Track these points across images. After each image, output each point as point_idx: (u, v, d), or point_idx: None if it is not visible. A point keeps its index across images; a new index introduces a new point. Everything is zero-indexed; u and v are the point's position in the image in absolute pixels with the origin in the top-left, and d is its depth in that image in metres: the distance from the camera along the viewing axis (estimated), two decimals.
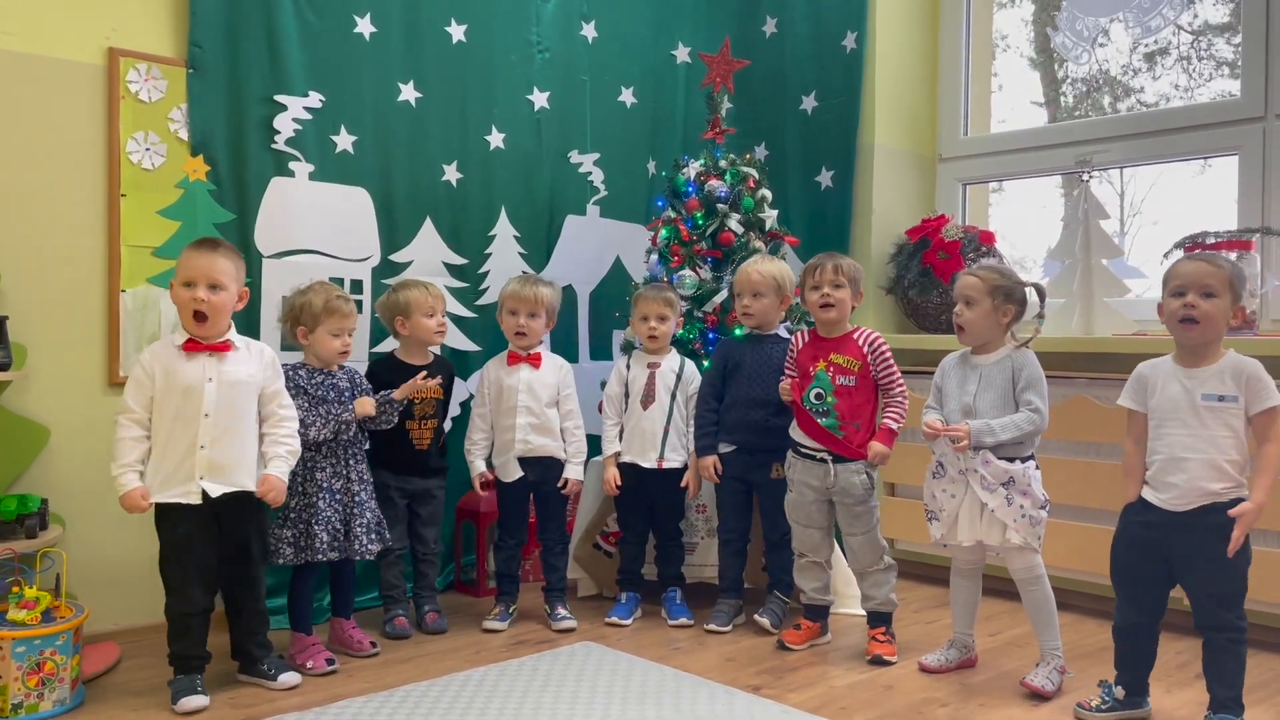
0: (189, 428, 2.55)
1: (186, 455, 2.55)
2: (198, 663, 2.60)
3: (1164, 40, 5.15)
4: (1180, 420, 2.37)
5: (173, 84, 3.15)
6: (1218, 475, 2.32)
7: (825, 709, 2.57)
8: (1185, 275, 2.37)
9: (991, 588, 3.15)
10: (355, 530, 2.91)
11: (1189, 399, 2.36)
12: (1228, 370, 2.35)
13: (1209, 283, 2.33)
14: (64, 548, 2.79)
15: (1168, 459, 2.38)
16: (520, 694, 2.62)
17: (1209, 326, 2.34)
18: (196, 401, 2.56)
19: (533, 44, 3.96)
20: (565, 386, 3.35)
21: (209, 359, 2.59)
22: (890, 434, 2.98)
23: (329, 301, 2.94)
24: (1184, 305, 2.34)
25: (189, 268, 2.57)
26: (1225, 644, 2.34)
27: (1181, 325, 2.36)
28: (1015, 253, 5.07)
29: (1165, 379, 2.42)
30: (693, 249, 3.65)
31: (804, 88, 4.50)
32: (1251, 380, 2.32)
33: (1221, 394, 2.33)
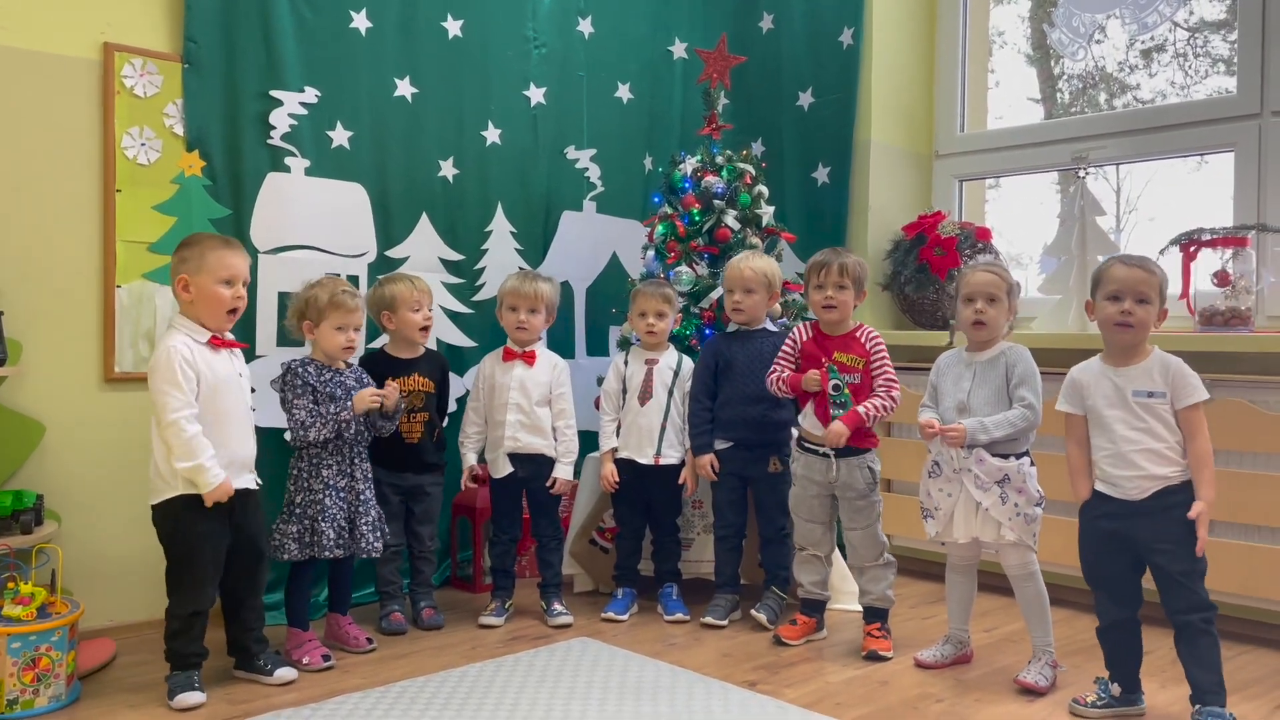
0: (244, 420, 2.64)
1: (245, 446, 2.64)
2: (195, 659, 2.60)
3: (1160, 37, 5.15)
4: (1118, 416, 2.46)
5: (168, 79, 3.14)
6: (1163, 461, 2.41)
7: (821, 704, 2.57)
8: (1121, 280, 2.46)
9: (987, 584, 3.15)
10: (361, 528, 2.91)
11: (1121, 396, 2.46)
12: (1155, 367, 2.45)
13: (1143, 290, 2.43)
14: (59, 543, 2.79)
15: (1115, 454, 2.46)
16: (516, 689, 2.62)
17: (1141, 331, 2.45)
18: (238, 395, 2.64)
19: (529, 39, 3.95)
20: (559, 385, 3.34)
21: (229, 355, 2.65)
22: (856, 417, 2.93)
23: (334, 295, 2.95)
24: (1121, 311, 2.44)
25: (230, 265, 2.61)
26: (1200, 625, 2.37)
27: (1116, 329, 2.46)
28: (1012, 249, 5.07)
29: (1097, 380, 2.52)
30: (689, 245, 3.65)
31: (801, 84, 4.50)
32: (1177, 376, 2.42)
33: (1150, 390, 2.43)
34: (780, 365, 3.11)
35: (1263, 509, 3.08)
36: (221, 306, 2.60)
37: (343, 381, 2.97)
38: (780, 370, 3.10)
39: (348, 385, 2.98)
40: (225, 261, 2.60)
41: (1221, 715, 2.34)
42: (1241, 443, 3.14)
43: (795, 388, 3.04)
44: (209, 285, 2.58)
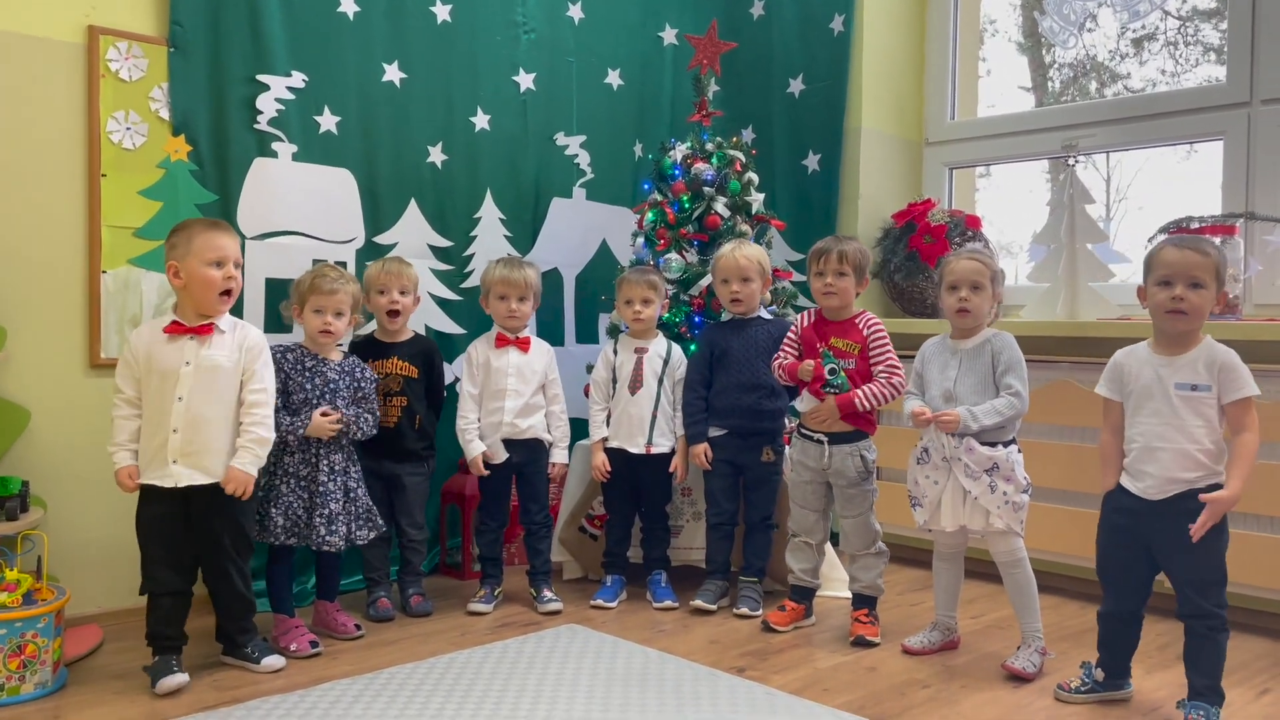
0: (164, 411, 2.56)
1: (163, 439, 2.55)
2: (171, 643, 2.59)
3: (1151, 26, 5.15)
4: (1154, 409, 2.36)
5: (153, 63, 3.11)
6: (1190, 464, 2.31)
7: (809, 690, 2.58)
8: (1172, 265, 2.32)
9: (974, 571, 3.16)
10: (314, 520, 2.86)
11: (1162, 387, 2.35)
12: (1202, 359, 2.32)
13: (1197, 274, 2.29)
14: (45, 530, 2.78)
15: (1143, 448, 2.38)
16: (505, 676, 2.62)
17: (1195, 318, 2.32)
18: (172, 385, 2.56)
19: (518, 24, 3.93)
20: (551, 370, 3.35)
21: (189, 342, 2.58)
22: (849, 401, 2.93)
23: (315, 278, 2.94)
24: (1172, 298, 2.30)
25: (218, 246, 2.58)
26: (1205, 632, 2.34)
27: (1168, 316, 2.33)
28: (1002, 237, 5.08)
29: (1140, 366, 2.41)
30: (679, 232, 3.64)
31: (791, 71, 4.49)
32: (1225, 369, 2.29)
33: (1195, 383, 2.31)
34: (784, 353, 3.12)
35: (1251, 497, 3.08)
36: (212, 288, 2.58)
37: (323, 373, 2.95)
38: (783, 357, 3.10)
39: (328, 377, 2.95)
40: (213, 243, 2.58)
41: (1205, 709, 2.32)
42: None
43: (793, 375, 3.04)
44: (198, 268, 2.56)
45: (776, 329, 3.26)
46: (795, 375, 3.02)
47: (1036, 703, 2.54)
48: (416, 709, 2.40)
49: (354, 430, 2.97)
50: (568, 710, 2.40)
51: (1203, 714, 2.31)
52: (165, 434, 2.54)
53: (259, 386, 2.65)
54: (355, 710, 2.38)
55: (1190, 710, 2.33)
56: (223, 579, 2.66)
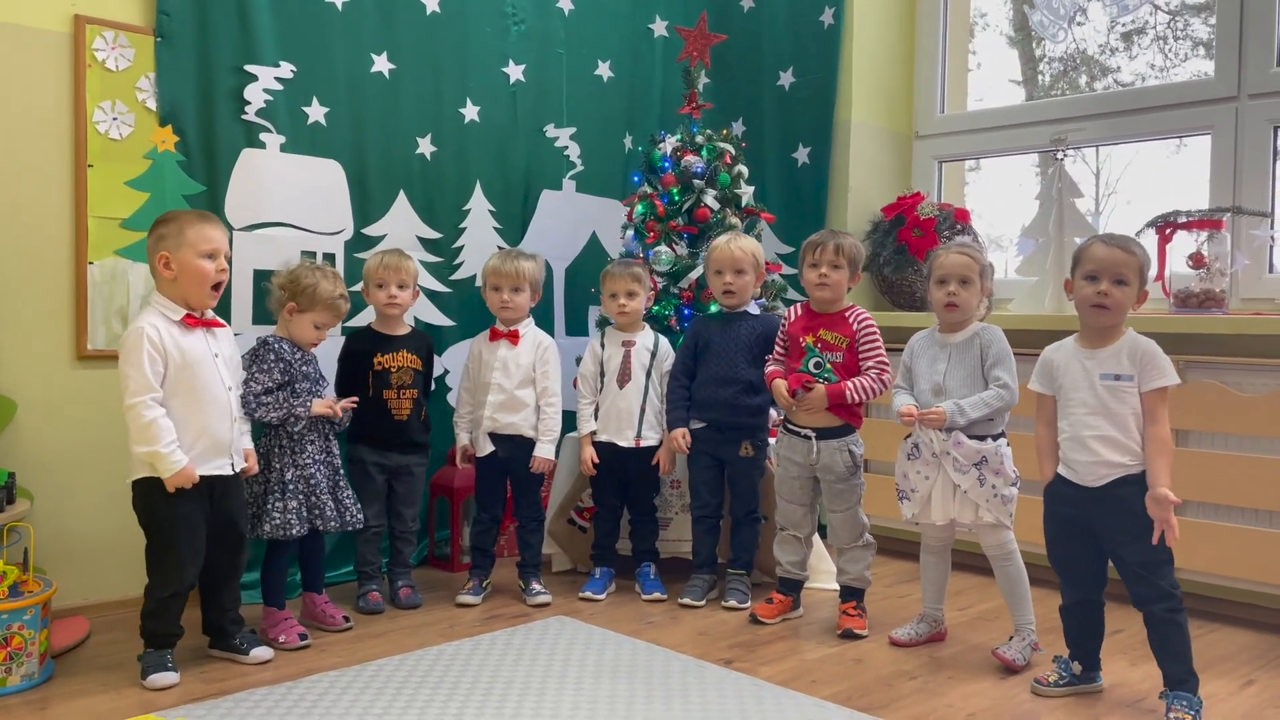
0: (219, 401, 2.59)
1: (224, 428, 2.59)
2: (170, 639, 2.59)
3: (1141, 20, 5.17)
4: (1081, 400, 2.44)
5: (140, 52, 3.09)
6: (1118, 449, 2.39)
7: (796, 682, 2.59)
8: (1099, 260, 2.41)
9: (961, 563, 3.18)
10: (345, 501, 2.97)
11: (1088, 379, 2.43)
12: (1125, 350, 2.41)
13: (1122, 271, 2.39)
14: (32, 522, 2.77)
15: (1072, 437, 2.45)
16: (493, 668, 2.62)
17: (1117, 313, 2.41)
18: (214, 376, 2.59)
19: (508, 15, 3.92)
20: (543, 364, 3.32)
21: (206, 334, 2.61)
22: (839, 392, 2.94)
23: (332, 299, 2.94)
24: (1097, 293, 2.40)
25: (210, 238, 2.57)
26: (1165, 615, 2.36)
27: (1093, 310, 2.43)
28: (992, 231, 5.10)
29: (1068, 360, 2.50)
30: (668, 225, 3.64)
31: (781, 63, 4.49)
32: (1145, 358, 2.38)
33: (1118, 373, 2.40)
34: (775, 352, 3.15)
35: (1234, 489, 3.12)
36: (205, 281, 2.57)
37: (309, 360, 2.99)
38: (770, 364, 3.13)
39: (317, 366, 3.00)
40: (205, 235, 2.57)
41: (1188, 699, 2.34)
42: (1215, 424, 3.17)
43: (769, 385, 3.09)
44: (191, 260, 2.55)
45: (762, 325, 3.27)
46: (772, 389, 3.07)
47: (1023, 694, 2.55)
48: (405, 701, 2.40)
49: (347, 418, 3.01)
50: (556, 702, 2.40)
51: (1185, 703, 2.33)
52: (225, 424, 2.59)
53: (243, 374, 2.79)
54: (344, 702, 2.39)
55: (1173, 700, 2.35)
56: (234, 568, 2.70)
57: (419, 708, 2.36)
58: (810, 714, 2.37)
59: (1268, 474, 3.06)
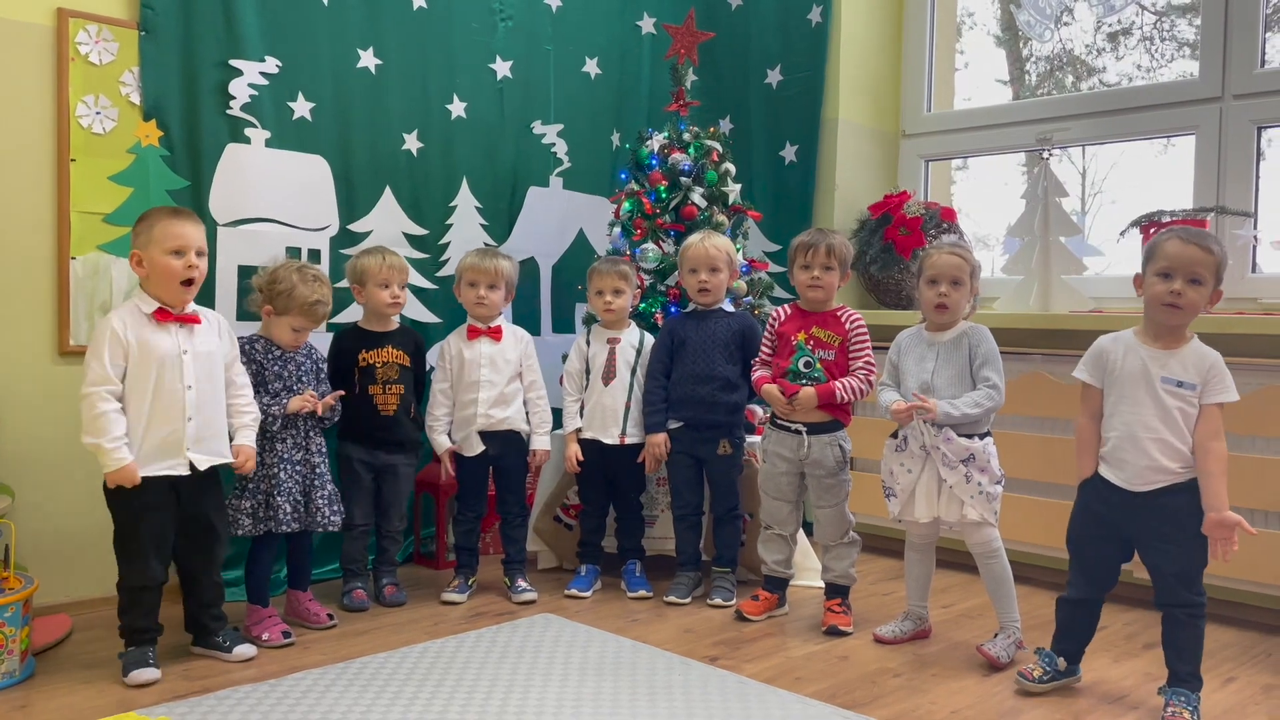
0: (174, 400, 2.53)
1: (175, 427, 2.53)
2: (149, 635, 2.57)
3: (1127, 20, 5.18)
4: (1137, 399, 2.35)
5: (124, 46, 3.07)
6: (1173, 455, 2.32)
7: (781, 679, 2.59)
8: (1175, 258, 2.30)
9: (945, 561, 3.19)
10: (317, 502, 2.89)
11: (1148, 378, 2.34)
12: (1191, 357, 2.33)
13: (1198, 270, 2.28)
14: (13, 519, 2.75)
15: (1124, 436, 2.37)
16: (478, 665, 2.62)
17: (1190, 313, 2.32)
18: (176, 373, 2.54)
19: (495, 11, 3.90)
20: (527, 358, 3.34)
21: (180, 330, 2.57)
22: (829, 392, 2.95)
23: (308, 304, 2.89)
24: (1170, 291, 2.29)
25: (177, 235, 2.54)
26: (1185, 619, 2.35)
27: (1164, 309, 2.32)
28: (979, 230, 5.11)
29: (1126, 353, 2.40)
30: (655, 222, 3.64)
31: (769, 61, 4.50)
32: (1214, 371, 2.30)
33: (1181, 380, 2.31)
34: (761, 358, 3.15)
35: None
36: (173, 277, 2.55)
37: (292, 358, 2.96)
38: (758, 367, 3.13)
39: (297, 360, 2.96)
40: (172, 231, 2.55)
41: (1186, 695, 2.33)
42: None
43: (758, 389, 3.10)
44: (158, 257, 2.54)
45: (737, 323, 3.28)
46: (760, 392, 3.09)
47: (1006, 691, 2.56)
48: (389, 698, 2.39)
49: (334, 414, 2.99)
50: (541, 699, 2.40)
51: (1184, 700, 2.33)
52: (177, 423, 2.53)
53: (241, 369, 2.76)
54: (327, 699, 2.38)
55: (1171, 697, 2.35)
56: (209, 564, 2.67)
57: (403, 705, 2.35)
58: (795, 711, 2.38)
59: (1251, 472, 3.08)
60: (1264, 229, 3.58)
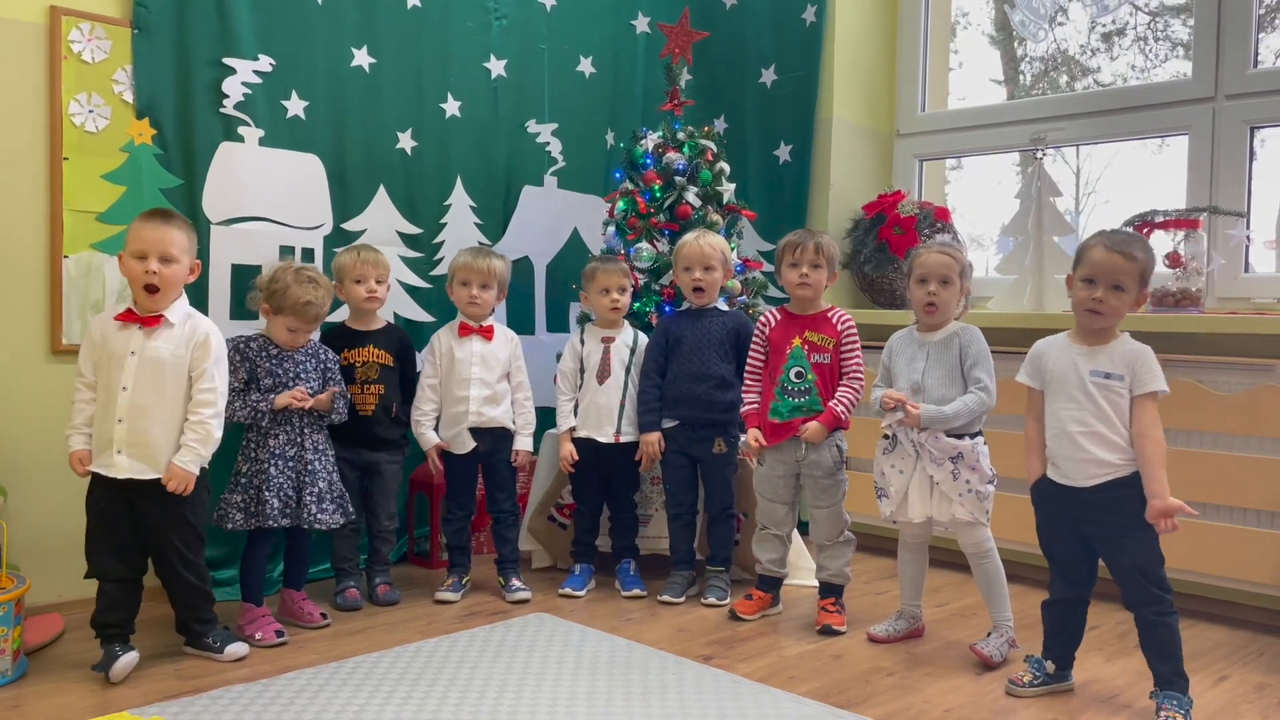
0: (110, 399, 2.53)
1: (110, 427, 2.53)
2: (117, 631, 2.56)
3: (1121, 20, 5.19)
4: (1069, 394, 2.42)
5: (117, 44, 3.06)
6: (1107, 446, 2.36)
7: (774, 678, 2.60)
8: (1098, 266, 2.38)
9: (939, 560, 3.20)
10: (305, 499, 2.87)
11: (1078, 375, 2.41)
12: (1118, 351, 2.39)
13: (1120, 278, 2.36)
14: (5, 518, 2.74)
15: (1059, 432, 2.43)
16: (472, 665, 2.62)
17: (1111, 318, 2.40)
18: (117, 374, 2.53)
19: (490, 10, 3.90)
20: (516, 359, 3.34)
21: (136, 332, 2.55)
22: (834, 418, 2.98)
23: (300, 305, 2.88)
24: (1093, 298, 2.37)
25: (140, 239, 2.53)
26: (1155, 618, 2.36)
27: (1086, 314, 2.41)
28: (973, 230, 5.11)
29: (1059, 355, 2.47)
30: (650, 221, 3.64)
31: (763, 61, 4.50)
32: (1139, 362, 2.36)
33: (1109, 371, 2.38)
34: (753, 360, 3.15)
35: (1209, 487, 3.14)
36: (133, 282, 2.54)
37: (291, 357, 2.95)
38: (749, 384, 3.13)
39: (296, 360, 2.96)
40: (136, 234, 2.54)
41: (1178, 698, 2.34)
42: (1191, 422, 3.19)
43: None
44: (126, 260, 2.55)
45: (732, 321, 3.28)
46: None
47: (999, 690, 2.56)
48: (382, 698, 2.39)
49: (333, 411, 2.98)
50: (534, 698, 2.40)
51: (1176, 703, 2.33)
52: (112, 423, 2.52)
53: (208, 385, 2.58)
54: (320, 699, 2.37)
55: (1164, 700, 2.35)
56: (173, 574, 2.62)
57: (396, 704, 2.35)
58: (788, 710, 2.38)
59: (1243, 472, 3.08)
60: (1257, 229, 3.59)
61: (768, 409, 3.05)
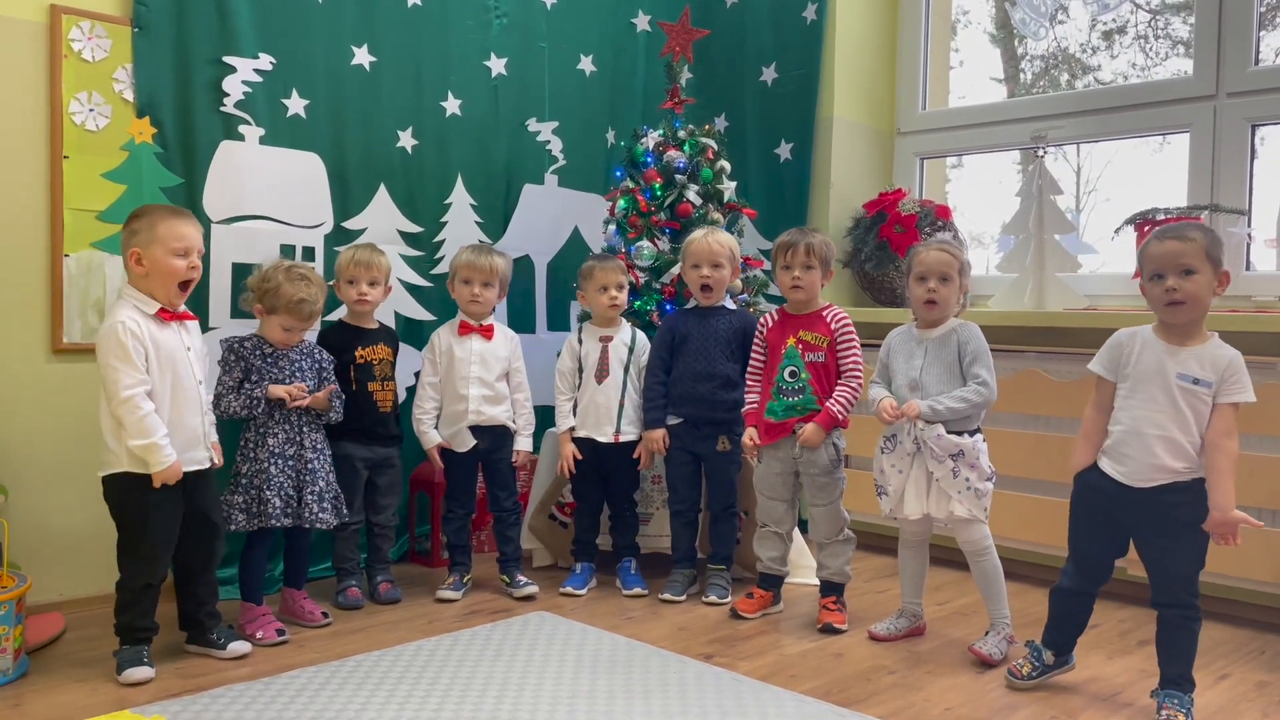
0: (191, 395, 2.58)
1: (195, 422, 2.58)
2: (147, 634, 2.57)
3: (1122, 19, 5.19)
4: (1151, 395, 2.32)
5: (117, 43, 3.06)
6: (1178, 454, 2.29)
7: (775, 676, 2.60)
8: (1159, 257, 2.30)
9: (940, 558, 3.19)
10: (306, 498, 2.88)
11: (1163, 375, 2.31)
12: (1209, 354, 2.30)
13: (1185, 261, 2.27)
14: (6, 517, 2.74)
15: (1130, 431, 2.34)
16: (473, 663, 2.62)
17: (1195, 305, 2.29)
18: (187, 369, 2.58)
19: (490, 9, 3.90)
20: (516, 359, 3.34)
21: (179, 328, 2.60)
22: (830, 418, 2.98)
23: (293, 303, 2.88)
24: (1166, 290, 2.28)
25: (182, 236, 2.55)
26: (1180, 621, 2.33)
27: (1167, 309, 2.31)
28: (973, 228, 5.11)
29: (1143, 349, 2.36)
30: (651, 220, 3.64)
31: (764, 59, 4.49)
32: (1231, 369, 2.27)
33: (1198, 377, 2.28)
34: (754, 360, 3.16)
35: None
36: (174, 278, 2.55)
37: (287, 355, 2.95)
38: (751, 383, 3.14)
39: (291, 358, 2.96)
40: (177, 232, 2.55)
41: (1179, 697, 2.33)
42: None
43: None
44: (162, 257, 2.53)
45: (739, 320, 3.28)
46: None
47: (1000, 688, 2.56)
48: (383, 696, 2.39)
49: (331, 410, 2.98)
50: (536, 697, 2.40)
51: (1177, 703, 2.32)
52: (196, 418, 2.59)
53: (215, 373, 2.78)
54: (321, 698, 2.37)
55: (1164, 699, 2.34)
56: (209, 562, 2.69)
57: (398, 703, 2.35)
58: (789, 708, 2.38)
59: (1244, 470, 3.06)
60: (1258, 227, 3.59)
61: (764, 408, 3.06)
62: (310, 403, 2.91)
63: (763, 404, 3.07)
